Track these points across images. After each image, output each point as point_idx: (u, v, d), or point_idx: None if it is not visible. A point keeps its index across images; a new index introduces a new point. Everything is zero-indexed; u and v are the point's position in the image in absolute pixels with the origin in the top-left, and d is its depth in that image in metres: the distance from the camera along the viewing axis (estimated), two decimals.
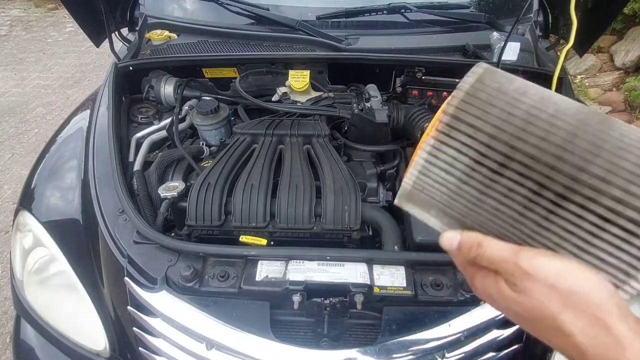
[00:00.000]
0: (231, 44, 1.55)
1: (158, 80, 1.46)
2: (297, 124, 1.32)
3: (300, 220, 1.07)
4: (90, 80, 4.30)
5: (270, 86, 1.50)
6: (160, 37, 1.60)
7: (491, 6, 1.77)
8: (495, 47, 1.48)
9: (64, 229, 1.19)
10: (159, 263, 1.00)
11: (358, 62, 1.45)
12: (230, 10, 1.60)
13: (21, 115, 3.69)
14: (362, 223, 1.09)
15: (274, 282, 0.94)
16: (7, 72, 4.45)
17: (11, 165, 3.08)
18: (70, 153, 1.37)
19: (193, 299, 0.96)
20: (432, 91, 1.51)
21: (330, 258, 0.98)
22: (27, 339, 1.21)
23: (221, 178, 1.12)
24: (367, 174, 1.22)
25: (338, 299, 0.93)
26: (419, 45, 1.53)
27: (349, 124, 1.33)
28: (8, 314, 2.03)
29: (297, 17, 1.56)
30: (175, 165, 1.26)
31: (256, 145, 1.27)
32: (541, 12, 1.66)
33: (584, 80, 3.79)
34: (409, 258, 0.98)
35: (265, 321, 0.94)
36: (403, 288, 0.94)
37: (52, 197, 1.27)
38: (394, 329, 0.93)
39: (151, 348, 1.00)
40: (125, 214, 1.08)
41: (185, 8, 1.74)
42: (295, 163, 1.18)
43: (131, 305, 1.01)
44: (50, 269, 1.15)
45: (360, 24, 1.63)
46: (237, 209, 1.07)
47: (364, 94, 1.43)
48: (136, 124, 1.45)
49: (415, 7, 1.58)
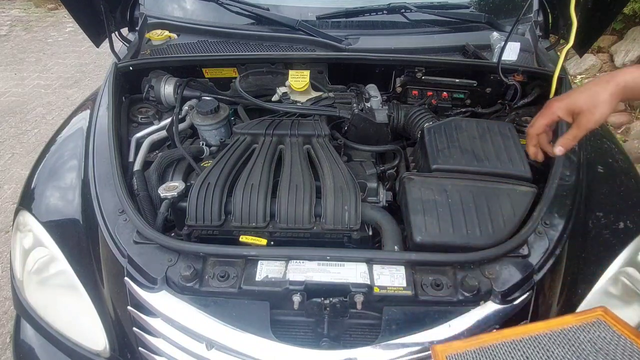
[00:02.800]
0: (231, 44, 1.55)
1: (158, 80, 1.45)
2: (297, 124, 1.32)
3: (300, 220, 1.07)
4: (90, 80, 4.30)
5: (270, 86, 1.50)
6: (160, 37, 1.60)
7: (491, 6, 1.77)
8: (495, 47, 1.48)
9: (64, 229, 1.19)
10: (159, 263, 1.00)
11: (358, 62, 1.45)
12: (230, 10, 1.61)
13: (21, 115, 3.69)
14: (362, 223, 1.09)
15: (274, 282, 0.94)
16: (7, 72, 4.45)
17: (11, 165, 3.08)
18: (70, 153, 1.37)
19: (193, 299, 0.96)
20: (432, 91, 1.51)
21: (330, 258, 0.98)
22: (27, 339, 1.21)
23: (221, 178, 1.12)
24: (367, 174, 1.22)
25: (338, 299, 0.93)
26: (419, 45, 1.53)
27: (349, 124, 1.33)
28: (8, 314, 2.03)
29: (297, 17, 1.57)
30: (175, 165, 1.26)
31: (256, 145, 1.27)
32: (541, 12, 1.66)
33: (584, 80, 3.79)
34: (409, 258, 0.98)
35: (265, 321, 0.94)
36: (403, 288, 0.94)
37: (52, 197, 1.27)
38: (394, 329, 0.93)
39: (151, 348, 1.01)
40: (125, 214, 1.08)
41: (185, 8, 1.74)
42: (295, 163, 1.18)
43: (131, 305, 1.01)
44: (50, 269, 1.15)
45: (360, 24, 1.63)
46: (237, 209, 1.07)
47: (364, 94, 1.43)
48: (136, 124, 1.45)
49: (415, 7, 1.58)
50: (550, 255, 1.01)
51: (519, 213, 1.03)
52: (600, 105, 0.75)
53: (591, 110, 0.76)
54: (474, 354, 0.77)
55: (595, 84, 0.77)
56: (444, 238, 0.99)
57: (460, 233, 1.00)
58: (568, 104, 0.78)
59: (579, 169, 1.20)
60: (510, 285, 0.95)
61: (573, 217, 1.09)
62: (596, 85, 0.77)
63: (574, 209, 1.11)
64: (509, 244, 0.98)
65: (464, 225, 1.01)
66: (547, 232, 1.04)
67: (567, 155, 1.19)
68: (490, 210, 1.03)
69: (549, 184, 1.09)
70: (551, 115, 0.80)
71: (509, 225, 1.01)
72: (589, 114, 0.76)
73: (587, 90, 0.78)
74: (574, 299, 1.05)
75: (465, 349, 0.78)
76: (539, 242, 1.02)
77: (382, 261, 0.98)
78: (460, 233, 1.00)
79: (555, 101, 0.80)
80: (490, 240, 0.99)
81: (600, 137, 1.43)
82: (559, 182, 1.11)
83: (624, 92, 0.76)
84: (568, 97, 0.80)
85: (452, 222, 0.99)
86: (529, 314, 0.99)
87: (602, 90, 0.76)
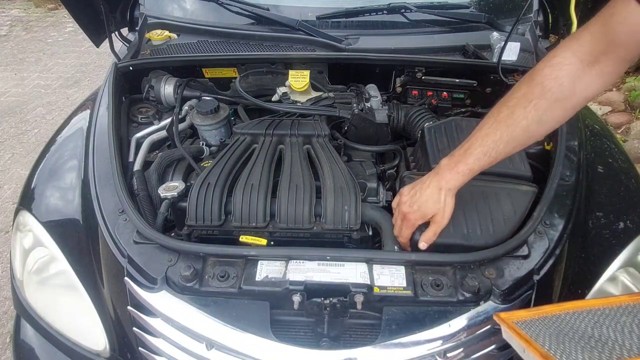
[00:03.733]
0: (231, 44, 1.55)
1: (158, 80, 1.45)
2: (297, 124, 1.32)
3: (300, 220, 1.07)
4: (90, 80, 4.30)
5: (270, 86, 1.50)
6: (160, 37, 1.60)
7: (491, 6, 1.77)
8: (495, 47, 1.48)
9: (63, 229, 1.19)
10: (159, 263, 0.99)
11: (358, 62, 1.45)
12: (230, 10, 1.61)
13: (21, 115, 3.69)
14: (362, 223, 1.09)
15: (274, 282, 0.94)
16: (7, 72, 4.45)
17: (11, 165, 3.08)
18: (70, 153, 1.37)
19: (193, 299, 0.96)
20: (432, 91, 1.51)
21: (330, 258, 0.98)
22: (27, 339, 1.21)
23: (221, 178, 1.12)
24: (367, 174, 1.22)
25: (338, 299, 0.93)
26: (419, 45, 1.53)
27: (349, 124, 1.33)
28: (8, 314, 2.03)
29: (297, 17, 1.57)
30: (175, 165, 1.26)
31: (256, 145, 1.27)
32: (541, 12, 1.66)
33: None
34: (409, 258, 0.98)
35: (265, 321, 0.94)
36: (403, 288, 0.94)
37: (52, 197, 1.27)
38: (394, 329, 0.93)
39: (151, 348, 1.00)
40: (125, 214, 1.07)
41: (185, 8, 1.74)
42: (295, 163, 1.18)
43: (131, 305, 1.01)
44: (50, 269, 1.15)
45: (360, 24, 1.63)
46: (237, 209, 1.07)
47: (364, 94, 1.43)
48: (136, 124, 1.45)
49: (415, 7, 1.58)
50: (550, 255, 1.01)
51: (519, 212, 1.03)
52: (447, 205, 0.94)
53: (442, 211, 0.94)
54: (541, 322, 0.78)
55: (431, 188, 0.95)
56: (445, 238, 0.99)
57: (461, 232, 1.00)
58: (423, 215, 0.95)
59: (579, 169, 1.20)
60: (510, 285, 0.95)
61: (573, 217, 1.09)
62: (435, 191, 0.94)
63: (574, 209, 1.11)
64: (509, 244, 0.98)
65: (465, 225, 1.01)
66: (547, 232, 1.04)
67: (567, 155, 1.19)
68: (491, 209, 1.03)
69: (549, 184, 1.09)
70: (413, 226, 0.98)
71: (510, 225, 1.01)
72: (441, 214, 0.94)
73: (429, 198, 0.94)
74: (574, 299, 1.05)
75: (530, 317, 0.81)
76: (539, 242, 1.02)
77: (382, 261, 0.98)
78: (461, 232, 1.00)
79: (410, 213, 0.96)
80: (491, 239, 0.99)
81: (600, 137, 1.43)
82: (559, 182, 1.11)
83: (456, 190, 0.94)
84: (419, 208, 0.95)
85: (452, 221, 0.99)
86: None
87: (442, 195, 0.93)
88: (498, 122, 0.88)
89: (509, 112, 0.87)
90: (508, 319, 0.80)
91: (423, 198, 0.95)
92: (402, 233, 1.00)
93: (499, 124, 0.88)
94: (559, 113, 0.86)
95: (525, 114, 0.85)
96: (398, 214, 1.01)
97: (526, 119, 0.85)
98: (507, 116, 0.87)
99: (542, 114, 0.85)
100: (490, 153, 0.89)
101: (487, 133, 0.89)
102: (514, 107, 0.87)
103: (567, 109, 0.86)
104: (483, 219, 1.02)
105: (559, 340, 0.72)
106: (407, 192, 1.00)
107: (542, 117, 0.85)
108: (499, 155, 0.90)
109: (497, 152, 0.89)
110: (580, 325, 0.77)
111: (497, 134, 0.88)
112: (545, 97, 0.84)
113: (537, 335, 0.74)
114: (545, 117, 0.86)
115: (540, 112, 0.85)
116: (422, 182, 0.97)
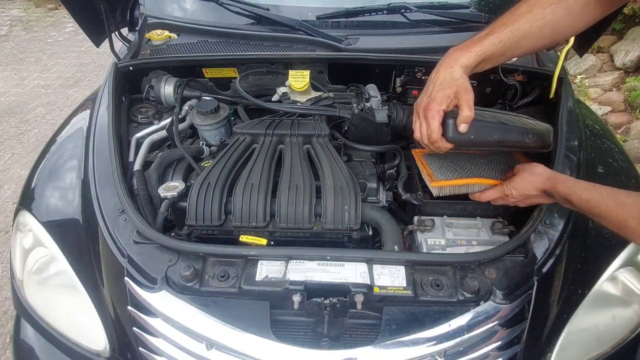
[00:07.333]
0: (231, 44, 1.55)
1: (158, 80, 1.45)
2: (297, 124, 1.32)
3: (300, 220, 1.07)
4: (90, 80, 4.30)
5: (270, 86, 1.50)
6: (160, 37, 1.60)
7: (491, 6, 1.77)
8: None
9: (63, 229, 1.19)
10: (159, 263, 1.00)
11: (358, 62, 1.45)
12: (230, 10, 1.61)
13: (21, 115, 3.69)
14: (362, 223, 1.09)
15: (274, 282, 0.94)
16: (7, 72, 4.45)
17: (11, 165, 3.08)
18: (70, 153, 1.37)
19: (193, 299, 0.96)
20: None
21: (330, 258, 0.98)
22: (27, 339, 1.21)
23: (221, 178, 1.12)
24: (367, 174, 1.22)
25: (338, 299, 0.93)
26: (419, 45, 1.53)
27: (349, 124, 1.33)
28: (8, 314, 2.03)
29: (297, 17, 1.56)
30: (175, 165, 1.26)
31: (256, 145, 1.27)
32: None
33: (584, 80, 3.79)
34: (409, 258, 0.98)
35: (265, 321, 0.94)
36: (403, 288, 0.94)
37: (52, 197, 1.27)
38: (394, 329, 0.93)
39: (151, 348, 1.01)
40: (125, 214, 1.08)
41: (185, 8, 1.74)
42: (295, 163, 1.18)
43: (131, 305, 1.01)
44: (50, 269, 1.16)
45: (360, 24, 1.63)
46: (237, 208, 1.07)
47: (364, 94, 1.43)
48: (136, 124, 1.45)
49: (415, 7, 1.58)
50: (550, 255, 1.01)
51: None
52: (464, 80, 0.92)
53: (462, 85, 0.91)
54: (437, 157, 1.19)
55: (442, 72, 0.92)
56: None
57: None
58: (444, 96, 0.91)
59: (579, 169, 1.20)
60: (510, 285, 0.95)
61: (573, 217, 1.09)
62: (447, 72, 0.92)
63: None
64: (509, 244, 0.98)
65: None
66: (547, 232, 1.04)
67: (567, 155, 1.19)
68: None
69: None
70: (438, 112, 0.92)
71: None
72: (463, 89, 0.91)
73: (444, 80, 0.92)
74: (574, 298, 1.05)
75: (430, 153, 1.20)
76: (539, 242, 1.02)
77: (382, 261, 0.99)
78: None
79: (430, 102, 0.92)
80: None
81: (600, 137, 1.43)
82: None
83: (467, 68, 0.92)
84: (437, 92, 0.92)
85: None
86: (529, 313, 0.99)
87: (455, 70, 0.91)
88: (516, 16, 0.90)
89: (528, 9, 0.89)
90: (418, 153, 1.22)
91: (437, 82, 0.92)
92: (429, 128, 0.93)
93: (517, 17, 0.90)
94: (569, 30, 0.92)
95: (544, 14, 0.88)
96: (417, 113, 0.97)
97: (543, 19, 0.88)
98: (527, 11, 0.89)
99: (558, 20, 0.88)
100: (505, 42, 0.90)
101: (504, 23, 0.91)
102: (533, 6, 0.89)
103: (577, 27, 0.91)
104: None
105: (441, 166, 1.16)
106: (421, 91, 0.97)
107: (556, 23, 0.88)
108: (511, 47, 0.91)
109: (511, 43, 0.90)
110: (458, 161, 1.17)
111: (515, 25, 0.89)
112: (561, 6, 0.87)
113: (430, 163, 1.17)
114: (558, 25, 0.89)
115: (557, 17, 0.88)
116: (432, 75, 0.95)
